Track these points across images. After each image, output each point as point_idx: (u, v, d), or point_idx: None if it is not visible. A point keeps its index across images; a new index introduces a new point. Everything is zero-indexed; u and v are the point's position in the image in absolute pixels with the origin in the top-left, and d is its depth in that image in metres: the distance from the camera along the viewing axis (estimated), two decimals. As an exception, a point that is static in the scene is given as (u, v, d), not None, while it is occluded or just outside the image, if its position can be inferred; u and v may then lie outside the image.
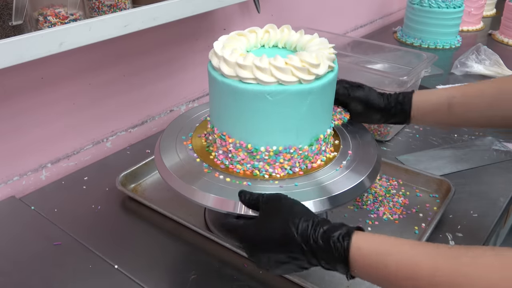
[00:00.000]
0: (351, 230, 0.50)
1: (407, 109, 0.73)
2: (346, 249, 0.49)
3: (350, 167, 0.68)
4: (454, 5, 1.55)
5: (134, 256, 0.70)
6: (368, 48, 1.14)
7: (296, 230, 0.51)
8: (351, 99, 0.74)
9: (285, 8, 1.34)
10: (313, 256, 0.51)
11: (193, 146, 0.72)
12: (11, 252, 0.71)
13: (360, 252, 0.48)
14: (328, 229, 0.51)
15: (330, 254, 0.50)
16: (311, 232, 0.51)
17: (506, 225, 1.28)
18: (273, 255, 0.53)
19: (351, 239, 0.49)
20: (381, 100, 0.74)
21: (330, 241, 0.50)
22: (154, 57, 1.02)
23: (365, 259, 0.48)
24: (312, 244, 0.51)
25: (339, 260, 0.49)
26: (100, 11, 0.83)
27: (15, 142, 0.84)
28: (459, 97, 0.70)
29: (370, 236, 0.50)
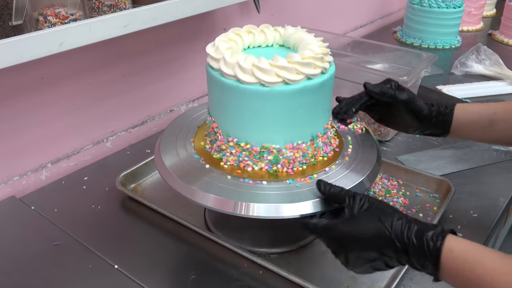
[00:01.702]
0: (445, 231, 0.51)
1: (448, 121, 0.70)
2: (438, 249, 0.49)
3: (350, 167, 0.68)
4: (454, 5, 1.55)
5: (134, 256, 0.70)
6: (368, 48, 1.14)
7: (390, 227, 0.52)
8: (397, 102, 0.70)
9: (285, 8, 1.34)
10: (404, 253, 0.52)
11: (194, 146, 0.72)
12: (11, 252, 0.71)
13: (452, 254, 0.49)
14: (422, 228, 0.51)
15: (422, 252, 0.50)
16: (405, 230, 0.52)
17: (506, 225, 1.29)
18: (363, 253, 0.54)
19: (444, 240, 0.50)
20: (425, 107, 0.71)
21: (423, 239, 0.50)
22: (154, 57, 1.02)
23: (455, 262, 0.49)
24: (405, 241, 0.51)
25: (429, 259, 0.50)
26: (100, 11, 0.83)
27: (15, 142, 0.84)
28: (501, 114, 0.69)
29: (462, 240, 0.51)
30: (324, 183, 0.60)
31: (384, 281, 0.66)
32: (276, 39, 0.71)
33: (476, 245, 0.50)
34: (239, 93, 0.61)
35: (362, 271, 0.56)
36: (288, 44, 0.71)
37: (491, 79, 1.35)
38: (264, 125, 0.63)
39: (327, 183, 0.60)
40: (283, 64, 0.60)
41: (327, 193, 0.59)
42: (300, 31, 0.69)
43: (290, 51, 0.69)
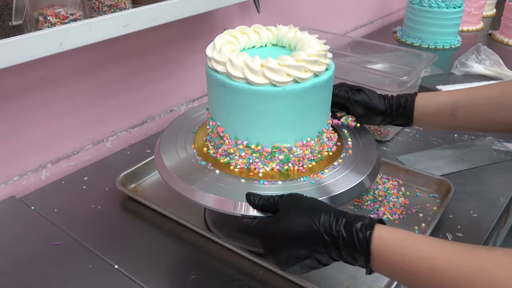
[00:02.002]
0: (373, 221, 0.51)
1: (409, 112, 0.73)
2: (368, 238, 0.49)
3: (350, 167, 0.68)
4: (454, 5, 1.55)
5: (134, 256, 0.70)
6: (368, 48, 1.14)
7: (318, 222, 0.52)
8: (352, 103, 0.74)
9: (285, 8, 1.34)
10: (335, 247, 0.51)
11: (194, 146, 0.72)
12: (11, 252, 0.71)
13: (382, 241, 0.49)
14: (351, 220, 0.51)
15: (352, 244, 0.50)
16: (333, 223, 0.52)
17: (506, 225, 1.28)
18: (293, 251, 0.53)
19: (373, 230, 0.50)
20: (382, 103, 0.74)
21: (352, 231, 0.50)
22: (154, 57, 1.02)
23: (386, 249, 0.49)
24: (334, 235, 0.51)
25: (361, 250, 0.50)
26: (100, 11, 0.83)
27: (15, 142, 0.84)
28: (462, 101, 0.70)
29: (391, 228, 0.51)
30: (253, 194, 0.59)
31: (384, 281, 0.66)
32: (270, 39, 0.71)
33: (406, 232, 0.50)
34: (249, 95, 0.61)
35: (295, 271, 0.56)
36: (281, 44, 0.71)
37: (491, 79, 1.35)
38: (276, 125, 0.63)
39: (256, 194, 0.59)
40: (292, 63, 0.60)
41: (256, 203, 0.59)
42: (293, 30, 0.70)
43: (285, 50, 0.69)
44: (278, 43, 0.72)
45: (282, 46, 0.71)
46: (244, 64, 0.60)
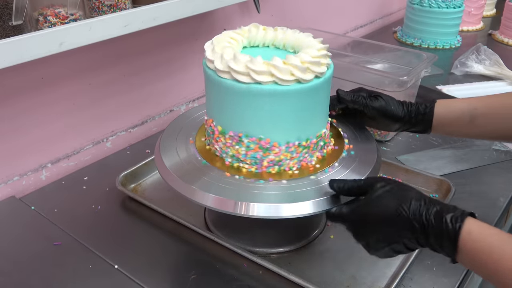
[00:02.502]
0: (464, 214, 0.51)
1: (428, 119, 0.72)
2: (457, 230, 0.50)
3: (350, 167, 0.68)
4: (454, 5, 1.55)
5: (134, 256, 0.70)
6: (368, 48, 1.14)
7: (408, 208, 0.53)
8: (370, 110, 0.72)
9: (285, 8, 1.34)
10: (423, 234, 0.52)
11: (194, 145, 0.72)
12: (11, 252, 0.71)
13: (470, 236, 0.49)
14: (442, 209, 0.52)
15: (440, 234, 0.51)
16: (424, 211, 0.52)
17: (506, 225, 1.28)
18: (382, 234, 0.54)
19: (463, 222, 0.50)
20: (400, 110, 0.72)
21: (442, 221, 0.51)
22: (154, 57, 1.02)
23: (473, 244, 0.49)
24: (424, 223, 0.52)
25: (448, 240, 0.50)
26: (100, 11, 0.83)
27: (15, 142, 0.84)
28: (481, 109, 0.69)
29: (481, 223, 0.51)
30: (337, 181, 0.61)
31: (384, 281, 0.66)
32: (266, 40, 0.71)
33: (495, 229, 0.51)
34: (250, 94, 0.61)
35: (384, 255, 0.57)
36: (278, 45, 0.71)
37: (491, 79, 1.35)
38: (276, 124, 0.63)
39: (340, 180, 0.61)
40: (296, 63, 0.60)
41: (345, 189, 0.60)
42: (288, 31, 0.70)
43: (282, 51, 0.70)
44: (274, 44, 0.71)
45: (277, 47, 0.71)
46: (248, 63, 0.60)
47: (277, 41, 0.70)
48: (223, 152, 0.67)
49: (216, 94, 0.65)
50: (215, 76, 0.63)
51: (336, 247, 0.73)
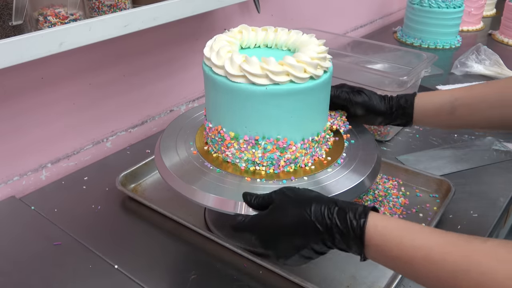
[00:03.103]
0: (367, 209, 0.51)
1: (409, 113, 0.73)
2: (362, 226, 0.50)
3: (350, 167, 0.68)
4: (454, 5, 1.55)
5: (134, 256, 0.70)
6: (368, 48, 1.14)
7: (309, 211, 0.52)
8: (352, 105, 0.74)
9: (285, 8, 1.34)
10: (328, 234, 0.52)
11: (194, 145, 0.72)
12: (11, 252, 0.71)
13: (376, 230, 0.49)
14: (344, 208, 0.52)
15: (346, 231, 0.51)
16: (325, 211, 0.52)
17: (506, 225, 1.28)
18: (288, 241, 0.54)
19: (367, 217, 0.50)
20: (382, 104, 0.74)
21: (346, 218, 0.50)
22: (154, 57, 1.02)
23: (380, 237, 0.49)
24: (327, 223, 0.51)
25: (354, 238, 0.50)
26: (100, 11, 0.83)
27: (15, 142, 0.84)
28: (462, 100, 0.70)
29: (385, 216, 0.51)
30: (250, 194, 0.60)
31: (384, 281, 0.66)
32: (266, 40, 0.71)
33: (401, 221, 0.50)
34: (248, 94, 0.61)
35: (294, 262, 0.56)
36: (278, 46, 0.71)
37: (491, 79, 1.35)
38: (276, 125, 0.63)
39: (252, 194, 0.60)
40: (307, 60, 0.61)
41: (253, 203, 0.59)
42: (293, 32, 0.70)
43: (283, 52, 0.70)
44: (274, 44, 0.71)
45: (277, 48, 0.71)
46: (243, 63, 0.60)
47: (280, 41, 0.70)
48: (236, 158, 0.66)
49: (227, 100, 0.63)
50: (227, 81, 0.62)
51: (336, 247, 0.73)
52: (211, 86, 0.65)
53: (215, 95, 0.65)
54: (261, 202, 0.58)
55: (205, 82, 0.67)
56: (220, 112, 0.66)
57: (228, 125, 0.65)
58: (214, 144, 0.69)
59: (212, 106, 0.67)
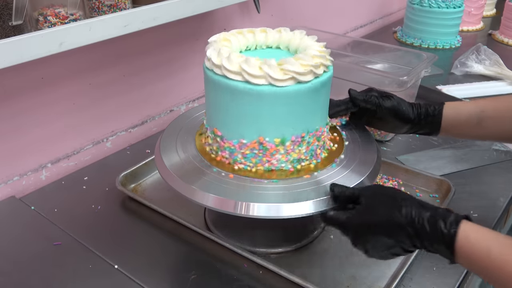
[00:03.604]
0: (459, 218, 0.51)
1: (437, 122, 0.72)
2: (452, 236, 0.50)
3: (350, 167, 0.68)
4: (454, 5, 1.55)
5: (134, 256, 0.70)
6: (368, 48, 1.14)
7: (400, 214, 0.53)
8: (382, 110, 0.72)
9: (285, 8, 1.34)
10: (419, 239, 0.53)
11: (194, 145, 0.72)
12: (11, 252, 0.71)
13: (467, 240, 0.50)
14: (435, 215, 0.52)
15: (435, 239, 0.51)
16: (417, 217, 0.52)
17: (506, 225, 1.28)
18: (379, 241, 0.55)
19: (458, 227, 0.50)
20: (411, 111, 0.72)
21: (437, 227, 0.51)
22: (154, 57, 1.02)
23: (471, 248, 0.49)
24: (417, 228, 0.52)
25: (444, 246, 0.51)
26: (100, 11, 0.83)
27: (15, 142, 0.84)
28: (489, 111, 0.70)
29: (476, 227, 0.51)
30: (338, 186, 0.61)
31: (384, 281, 0.66)
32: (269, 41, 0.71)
33: (492, 232, 0.51)
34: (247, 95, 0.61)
35: (383, 258, 0.57)
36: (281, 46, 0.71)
37: (491, 79, 1.35)
38: (276, 125, 0.63)
39: (341, 186, 0.61)
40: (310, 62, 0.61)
41: (339, 194, 0.60)
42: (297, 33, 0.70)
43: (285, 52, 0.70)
44: (278, 45, 0.71)
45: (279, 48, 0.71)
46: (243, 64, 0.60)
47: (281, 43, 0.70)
48: (235, 159, 0.66)
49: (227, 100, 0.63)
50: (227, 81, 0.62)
51: (336, 247, 0.73)
52: (211, 86, 0.65)
53: (215, 96, 0.65)
54: (349, 195, 0.59)
55: (205, 83, 0.67)
56: (219, 112, 0.66)
57: (228, 126, 0.65)
58: (213, 145, 0.69)
59: (212, 107, 0.67)
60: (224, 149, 0.66)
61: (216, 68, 0.63)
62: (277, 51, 0.71)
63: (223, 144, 0.66)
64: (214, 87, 0.64)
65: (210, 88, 0.66)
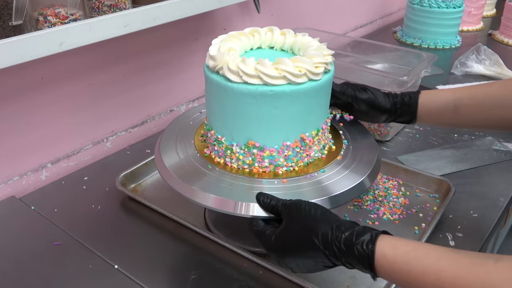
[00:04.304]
0: (374, 236, 0.51)
1: (413, 110, 0.73)
2: (370, 256, 0.50)
3: (350, 167, 0.68)
4: (454, 5, 1.55)
5: (134, 256, 0.70)
6: (368, 48, 1.14)
7: (317, 238, 0.53)
8: (357, 102, 0.74)
9: (285, 8, 1.34)
10: (337, 259, 0.52)
11: (194, 146, 0.72)
12: (11, 252, 0.71)
13: (385, 259, 0.49)
14: (351, 235, 0.51)
15: (354, 259, 0.51)
16: (333, 239, 0.52)
17: (506, 225, 1.29)
18: (299, 261, 0.55)
19: (375, 246, 0.50)
20: (387, 101, 0.74)
21: (353, 248, 0.51)
22: (154, 57, 1.02)
23: (390, 266, 0.49)
24: (335, 250, 0.52)
25: (363, 265, 0.51)
26: (100, 11, 0.83)
27: (15, 142, 0.84)
28: (465, 99, 0.70)
29: (392, 242, 0.50)
30: (264, 195, 0.60)
31: (384, 281, 0.66)
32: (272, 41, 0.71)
33: (410, 244, 0.50)
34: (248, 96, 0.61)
35: (308, 272, 0.57)
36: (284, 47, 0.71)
37: (491, 79, 1.35)
38: (276, 125, 0.63)
39: (266, 195, 0.60)
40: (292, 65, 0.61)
41: (264, 205, 0.60)
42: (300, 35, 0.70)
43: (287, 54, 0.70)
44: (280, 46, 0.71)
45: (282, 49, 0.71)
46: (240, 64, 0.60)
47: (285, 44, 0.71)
48: (220, 152, 0.67)
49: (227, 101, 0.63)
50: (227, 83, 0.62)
51: (336, 247, 0.73)
52: (210, 87, 0.65)
53: (214, 96, 0.65)
54: (269, 205, 0.59)
55: (205, 83, 0.67)
56: (219, 113, 0.66)
57: (227, 126, 0.65)
58: (208, 140, 0.69)
59: (212, 108, 0.67)
60: (224, 149, 0.66)
61: (216, 68, 0.63)
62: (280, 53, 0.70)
63: (222, 144, 0.66)
64: (214, 87, 0.64)
65: (210, 88, 0.66)
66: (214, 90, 0.65)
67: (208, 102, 0.68)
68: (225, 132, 0.66)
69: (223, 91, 0.63)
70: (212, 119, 0.68)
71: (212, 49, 0.65)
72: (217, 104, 0.65)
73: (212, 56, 0.63)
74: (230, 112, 0.64)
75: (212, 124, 0.68)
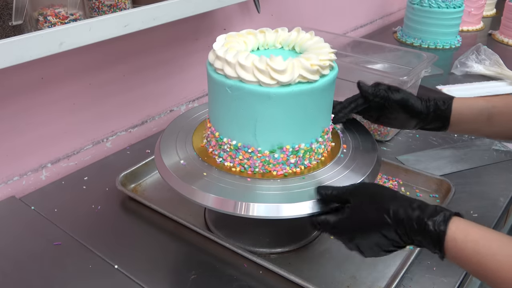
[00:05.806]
0: (447, 217, 0.51)
1: (446, 116, 0.70)
2: (442, 237, 0.50)
3: (350, 167, 0.68)
4: (454, 5, 1.55)
5: (134, 256, 0.70)
6: (368, 48, 1.14)
7: (389, 216, 0.53)
8: (391, 104, 0.71)
9: (285, 8, 1.34)
10: (408, 237, 0.53)
11: (194, 146, 0.72)
12: (11, 252, 0.71)
13: (455, 243, 0.50)
14: (423, 214, 0.52)
15: (425, 238, 0.51)
16: (405, 216, 0.52)
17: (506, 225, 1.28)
18: (372, 242, 0.55)
19: (447, 228, 0.50)
20: (419, 104, 0.71)
21: (425, 227, 0.51)
22: (154, 57, 1.02)
23: (459, 251, 0.49)
24: (406, 228, 0.52)
25: (433, 244, 0.51)
26: (100, 11, 0.83)
27: (15, 142, 0.84)
28: (500, 107, 0.69)
29: (466, 225, 0.50)
30: (324, 188, 0.61)
31: (384, 281, 0.66)
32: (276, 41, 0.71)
33: (480, 232, 0.50)
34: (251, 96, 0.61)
35: (379, 256, 0.58)
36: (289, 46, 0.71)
37: (491, 79, 1.35)
38: (277, 125, 0.63)
39: (327, 187, 0.61)
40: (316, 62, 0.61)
41: (330, 196, 0.60)
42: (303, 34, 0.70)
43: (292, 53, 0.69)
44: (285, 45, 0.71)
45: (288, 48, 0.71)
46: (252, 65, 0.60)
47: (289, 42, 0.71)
48: (220, 153, 0.67)
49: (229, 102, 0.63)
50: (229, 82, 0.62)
51: (336, 247, 0.73)
52: (211, 86, 0.65)
53: (216, 95, 0.65)
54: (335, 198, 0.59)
55: (208, 84, 0.67)
56: (220, 113, 0.66)
57: (227, 127, 0.65)
58: (209, 140, 0.69)
59: (213, 107, 0.67)
60: (224, 149, 0.66)
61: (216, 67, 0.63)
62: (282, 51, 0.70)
63: (223, 144, 0.66)
64: (215, 86, 0.64)
65: (211, 88, 0.66)
66: (215, 89, 0.65)
67: (211, 101, 0.68)
68: (227, 132, 0.66)
69: (222, 90, 0.63)
70: (215, 118, 0.68)
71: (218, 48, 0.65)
72: (220, 104, 0.65)
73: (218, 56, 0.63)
74: (235, 113, 0.63)
75: (214, 124, 0.68)
